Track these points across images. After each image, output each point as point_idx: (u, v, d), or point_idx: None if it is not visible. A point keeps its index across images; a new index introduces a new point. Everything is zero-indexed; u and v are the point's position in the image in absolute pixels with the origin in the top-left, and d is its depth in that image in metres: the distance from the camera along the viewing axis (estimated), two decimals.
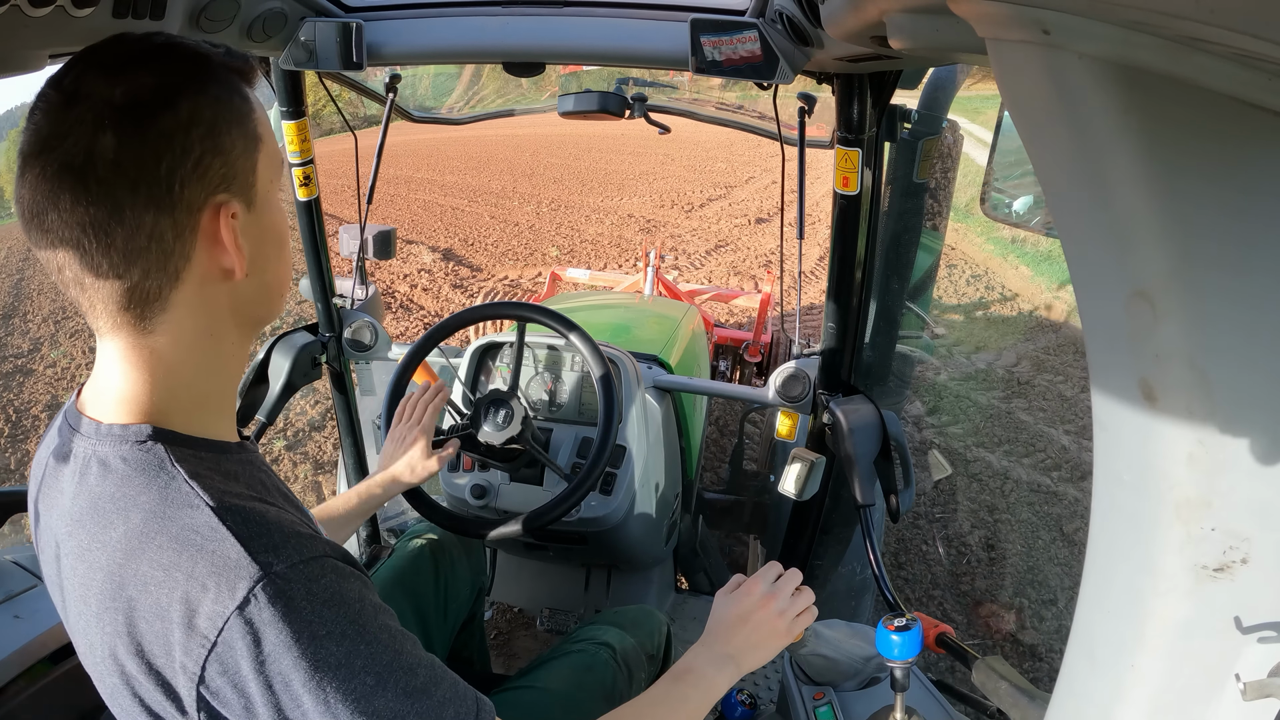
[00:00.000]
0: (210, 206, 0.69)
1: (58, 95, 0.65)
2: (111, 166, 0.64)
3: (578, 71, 2.47)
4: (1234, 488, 0.55)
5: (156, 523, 0.66)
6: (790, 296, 5.30)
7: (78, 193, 0.64)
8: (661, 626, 1.57)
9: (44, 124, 0.65)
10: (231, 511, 0.67)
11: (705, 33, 1.38)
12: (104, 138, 0.64)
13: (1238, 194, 0.49)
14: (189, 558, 0.65)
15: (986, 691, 1.13)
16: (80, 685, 1.37)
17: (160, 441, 0.70)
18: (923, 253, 2.25)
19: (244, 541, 0.65)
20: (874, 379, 2.33)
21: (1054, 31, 0.47)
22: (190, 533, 0.66)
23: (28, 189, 0.66)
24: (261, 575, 0.64)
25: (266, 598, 0.63)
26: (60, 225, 0.65)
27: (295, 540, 0.68)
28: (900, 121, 1.61)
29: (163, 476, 0.69)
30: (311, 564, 0.67)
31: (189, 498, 0.67)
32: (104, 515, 0.68)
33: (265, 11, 1.33)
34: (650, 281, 4.58)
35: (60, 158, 0.64)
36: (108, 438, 0.71)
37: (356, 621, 0.67)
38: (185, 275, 0.70)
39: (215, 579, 0.64)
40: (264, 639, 0.63)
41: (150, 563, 0.65)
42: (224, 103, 0.70)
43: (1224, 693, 0.60)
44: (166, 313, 0.70)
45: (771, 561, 1.13)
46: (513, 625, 2.36)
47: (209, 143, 0.68)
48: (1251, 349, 0.52)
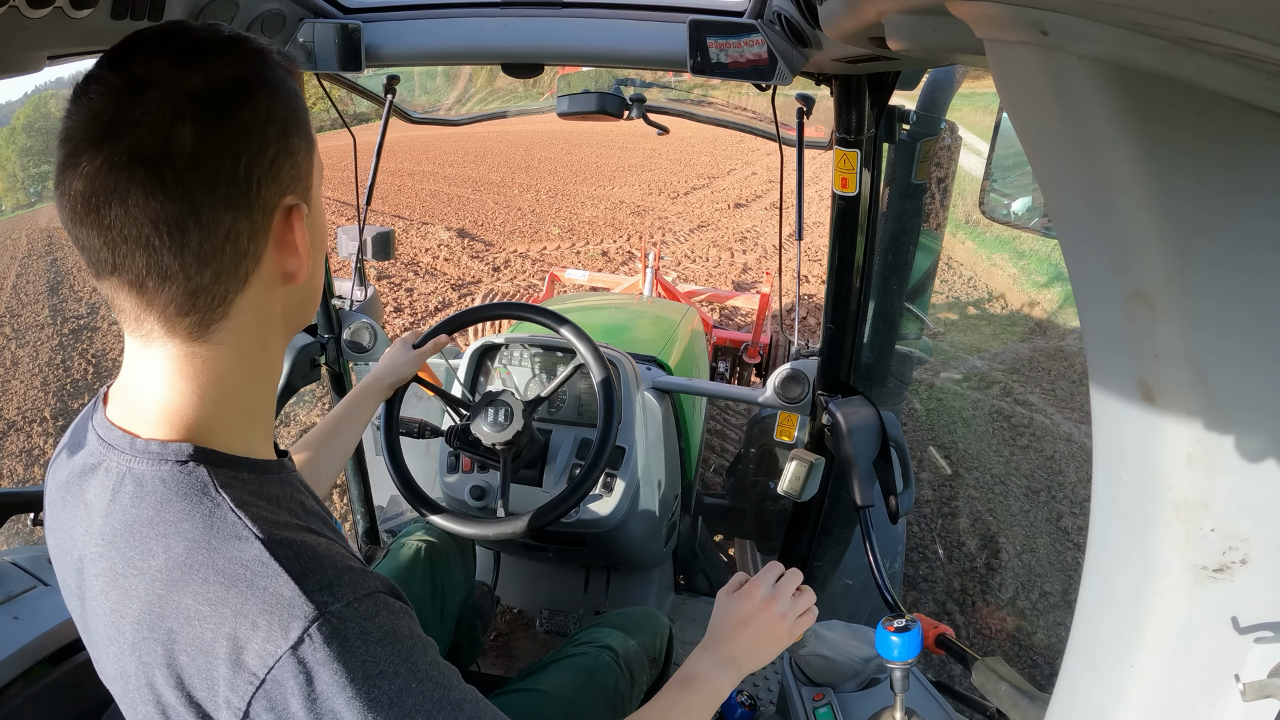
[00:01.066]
0: (282, 208, 0.67)
1: (120, 79, 0.60)
2: (190, 160, 0.60)
3: (569, 74, 2.47)
4: (1233, 488, 0.55)
5: (201, 554, 0.63)
6: (789, 297, 5.31)
7: (151, 186, 0.60)
8: (664, 629, 1.57)
9: (106, 108, 0.60)
10: (282, 545, 0.64)
11: (711, 35, 1.38)
12: (182, 128, 0.60)
13: (1236, 194, 0.49)
14: (238, 594, 0.61)
15: (986, 692, 1.13)
16: (80, 685, 1.37)
17: (202, 463, 0.66)
18: (921, 253, 2.25)
19: (297, 578, 0.62)
20: (873, 380, 2.33)
21: (1052, 32, 0.47)
22: (239, 567, 0.62)
23: (83, 179, 0.60)
24: (317, 615, 0.60)
25: (322, 638, 0.60)
26: (126, 221, 0.60)
27: (349, 577, 0.65)
28: (899, 122, 1.61)
29: (206, 503, 0.65)
30: (365, 601, 0.64)
31: (236, 528, 0.64)
32: (142, 540, 0.64)
33: (264, 12, 1.33)
34: (649, 283, 4.58)
35: (130, 146, 0.59)
36: (144, 455, 0.66)
37: (409, 659, 0.64)
38: (253, 278, 0.67)
39: (267, 617, 0.60)
40: (317, 679, 0.60)
41: (194, 596, 0.62)
42: (291, 102, 0.67)
43: (1224, 693, 0.60)
44: (227, 319, 0.67)
45: (772, 562, 1.13)
46: (512, 627, 2.36)
47: (282, 142, 0.66)
48: (1250, 349, 0.52)
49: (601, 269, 8.39)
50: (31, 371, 6.15)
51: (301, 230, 0.68)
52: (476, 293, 7.68)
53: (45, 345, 6.78)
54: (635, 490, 1.88)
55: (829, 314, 1.75)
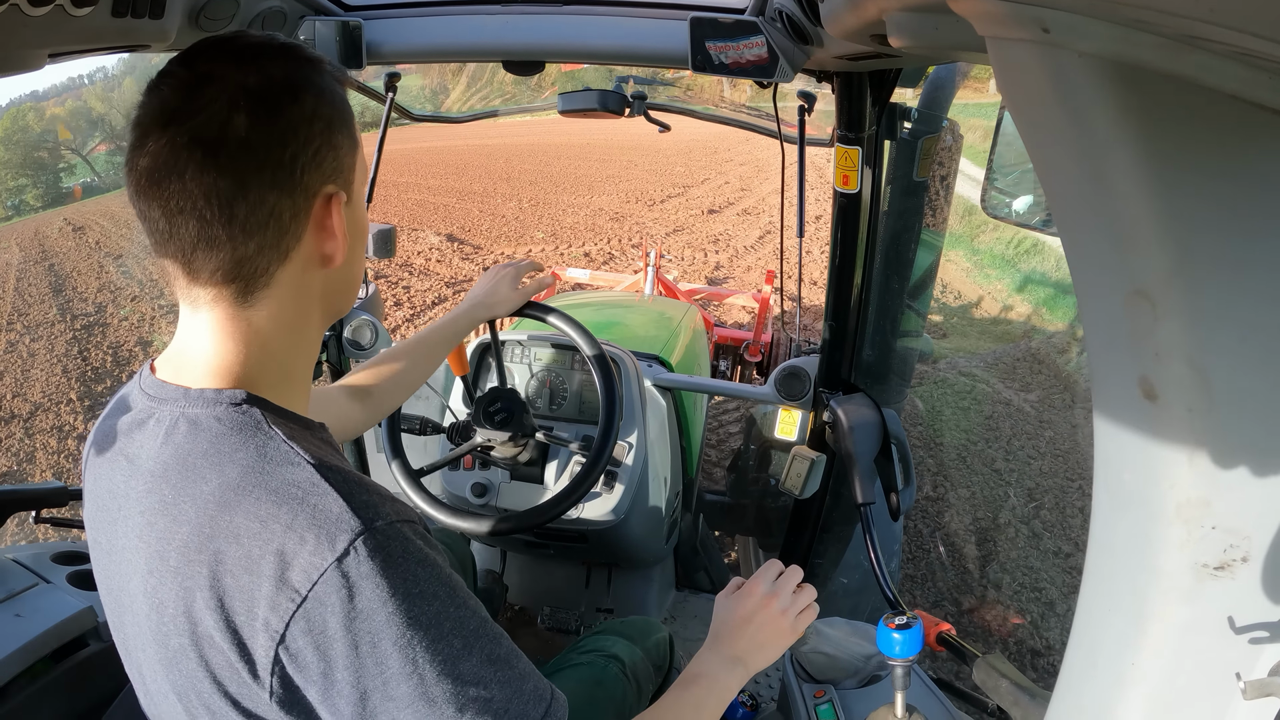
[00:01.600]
0: (323, 194, 0.74)
1: (188, 74, 0.69)
2: (242, 144, 0.68)
3: (571, 71, 2.47)
4: (1234, 486, 0.55)
5: (255, 476, 0.67)
6: (790, 296, 5.31)
7: (206, 163, 0.67)
8: (665, 638, 1.57)
9: (173, 99, 0.68)
10: (332, 470, 0.68)
11: (711, 37, 1.38)
12: (238, 117, 0.67)
13: (1237, 192, 0.49)
14: (289, 510, 0.65)
15: (987, 689, 1.13)
16: (82, 682, 1.37)
17: (256, 405, 0.72)
18: (923, 251, 2.24)
19: (346, 496, 0.66)
20: (874, 377, 2.33)
21: (1054, 30, 0.47)
22: (291, 486, 0.67)
23: (149, 157, 0.67)
24: (364, 529, 0.65)
25: (367, 551, 0.64)
26: (183, 194, 0.68)
27: (393, 503, 0.70)
28: (900, 120, 1.61)
29: (260, 435, 0.70)
30: (408, 525, 0.68)
31: (289, 455, 0.69)
32: (194, 470, 0.69)
33: (265, 10, 1.32)
34: (650, 281, 4.58)
35: (192, 130, 0.67)
36: (199, 400, 0.72)
37: (448, 584, 0.68)
38: (293, 255, 0.73)
39: (315, 531, 0.64)
40: (359, 593, 0.63)
41: (245, 514, 0.66)
42: (338, 105, 0.75)
43: (1224, 691, 0.60)
44: (269, 289, 0.73)
45: (771, 560, 1.13)
46: (514, 624, 2.36)
47: (325, 137, 0.73)
48: (1252, 347, 0.52)
49: (600, 267, 8.52)
50: (50, 361, 6.45)
51: (339, 215, 0.75)
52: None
53: (59, 339, 7.08)
54: (637, 487, 1.88)
55: (830, 311, 1.75)
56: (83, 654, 1.37)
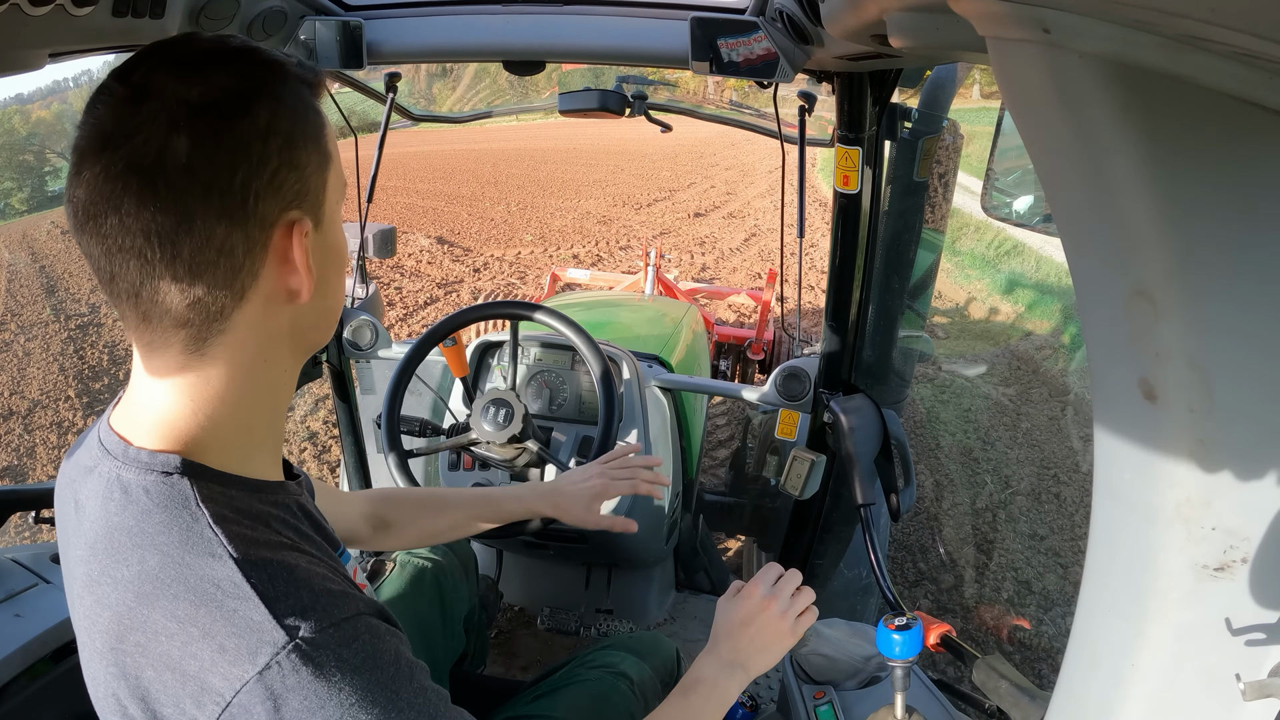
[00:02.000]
0: (283, 223, 0.65)
1: (124, 90, 0.61)
2: (184, 171, 0.60)
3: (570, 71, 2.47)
4: (1234, 487, 0.55)
5: (173, 569, 0.61)
6: (790, 295, 5.32)
7: (144, 196, 0.59)
8: (673, 654, 1.55)
9: (108, 119, 0.60)
10: (256, 566, 0.62)
11: (722, 35, 1.38)
12: (177, 139, 0.59)
13: (1238, 193, 0.49)
14: (207, 613, 0.60)
15: (987, 691, 1.13)
16: (81, 684, 1.37)
17: (188, 475, 0.65)
18: (923, 251, 2.25)
19: (269, 602, 0.60)
20: (874, 378, 2.33)
21: (1054, 30, 0.47)
22: (210, 586, 0.61)
23: (84, 188, 0.60)
24: (287, 641, 0.59)
25: (291, 665, 0.59)
26: (121, 231, 0.60)
27: (326, 600, 0.62)
28: (901, 120, 1.61)
29: (185, 516, 0.63)
30: (344, 626, 0.62)
31: (211, 545, 0.62)
32: (119, 550, 0.63)
33: (265, 10, 1.32)
34: (650, 281, 4.58)
35: (126, 157, 0.59)
36: (134, 463, 0.66)
37: (389, 687, 0.62)
38: (251, 294, 0.65)
39: (235, 640, 0.59)
40: (284, 706, 0.58)
41: (163, 612, 0.60)
42: (300, 115, 0.65)
43: (1224, 692, 0.60)
44: (225, 334, 0.66)
45: (770, 563, 1.13)
46: (513, 624, 2.36)
47: (285, 155, 0.64)
48: (1252, 348, 0.52)
49: (592, 268, 8.52)
50: (46, 360, 6.48)
51: (302, 247, 0.66)
52: (460, 290, 8.15)
53: (54, 339, 7.15)
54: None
55: (830, 311, 1.75)
56: None
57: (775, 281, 4.99)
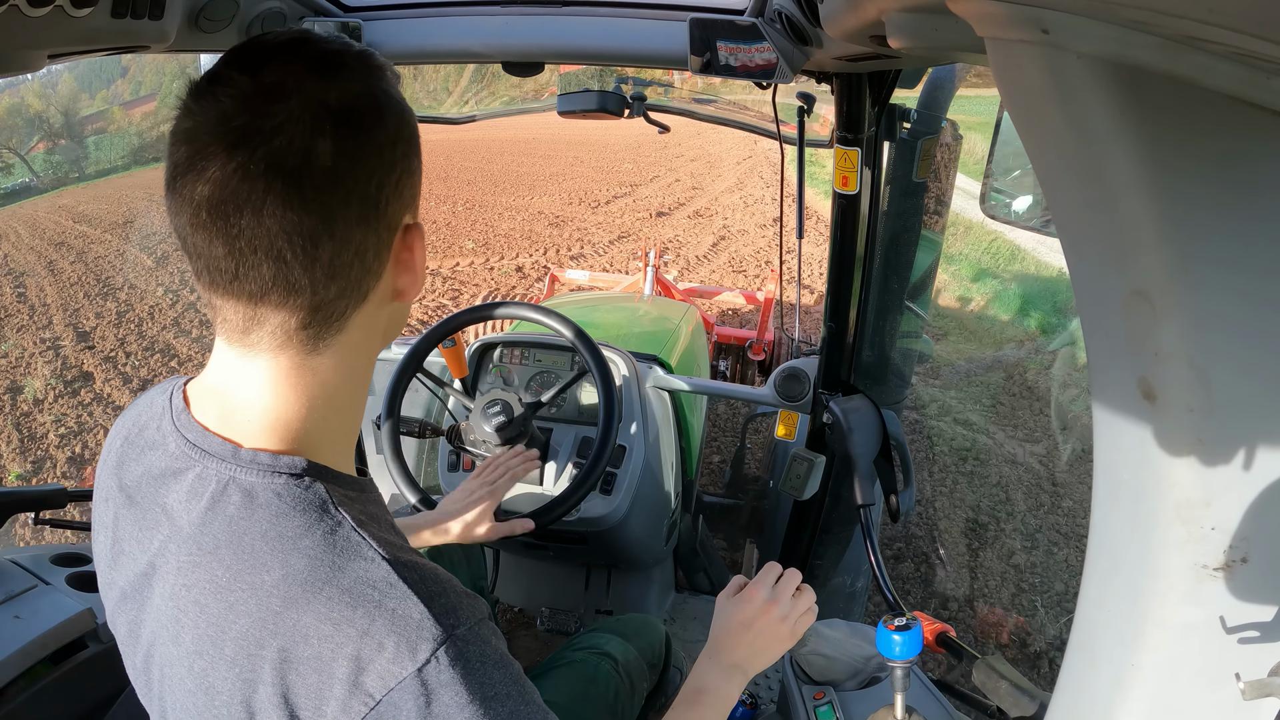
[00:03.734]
0: (403, 226, 0.67)
1: (253, 84, 0.59)
2: (329, 174, 0.59)
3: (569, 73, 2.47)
4: (1234, 487, 0.55)
5: (325, 571, 0.61)
6: (790, 295, 5.32)
7: (289, 197, 0.58)
8: (661, 636, 1.57)
9: (236, 113, 0.58)
10: (407, 567, 0.63)
11: (721, 38, 1.37)
12: (322, 142, 0.59)
13: (1237, 193, 0.49)
14: (364, 613, 0.60)
15: (987, 691, 1.13)
16: (82, 684, 1.37)
17: (318, 478, 0.65)
18: (922, 252, 2.25)
19: (426, 600, 0.62)
20: (873, 378, 2.33)
21: (1053, 31, 0.47)
22: (366, 587, 0.61)
23: (211, 185, 0.58)
24: (446, 636, 0.61)
25: (449, 659, 0.60)
26: (257, 230, 0.59)
27: (468, 601, 0.65)
28: (899, 121, 1.61)
29: (327, 520, 0.64)
30: (483, 625, 0.65)
31: (360, 548, 0.63)
32: (253, 554, 0.62)
33: (264, 11, 1.32)
34: (650, 282, 4.59)
35: (268, 155, 0.58)
36: (252, 465, 0.65)
37: (518, 682, 0.65)
38: (371, 295, 0.66)
39: (395, 637, 0.60)
40: (436, 700, 0.60)
41: (315, 614, 0.60)
42: (413, 123, 0.67)
43: (1224, 692, 0.60)
44: (342, 333, 0.66)
45: (770, 563, 1.12)
46: (512, 625, 2.36)
47: (405, 162, 0.65)
48: (1251, 348, 0.52)
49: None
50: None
51: (421, 248, 0.68)
52: None
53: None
54: (636, 489, 1.88)
55: (829, 312, 1.75)
56: (82, 656, 1.37)
57: (776, 281, 4.99)
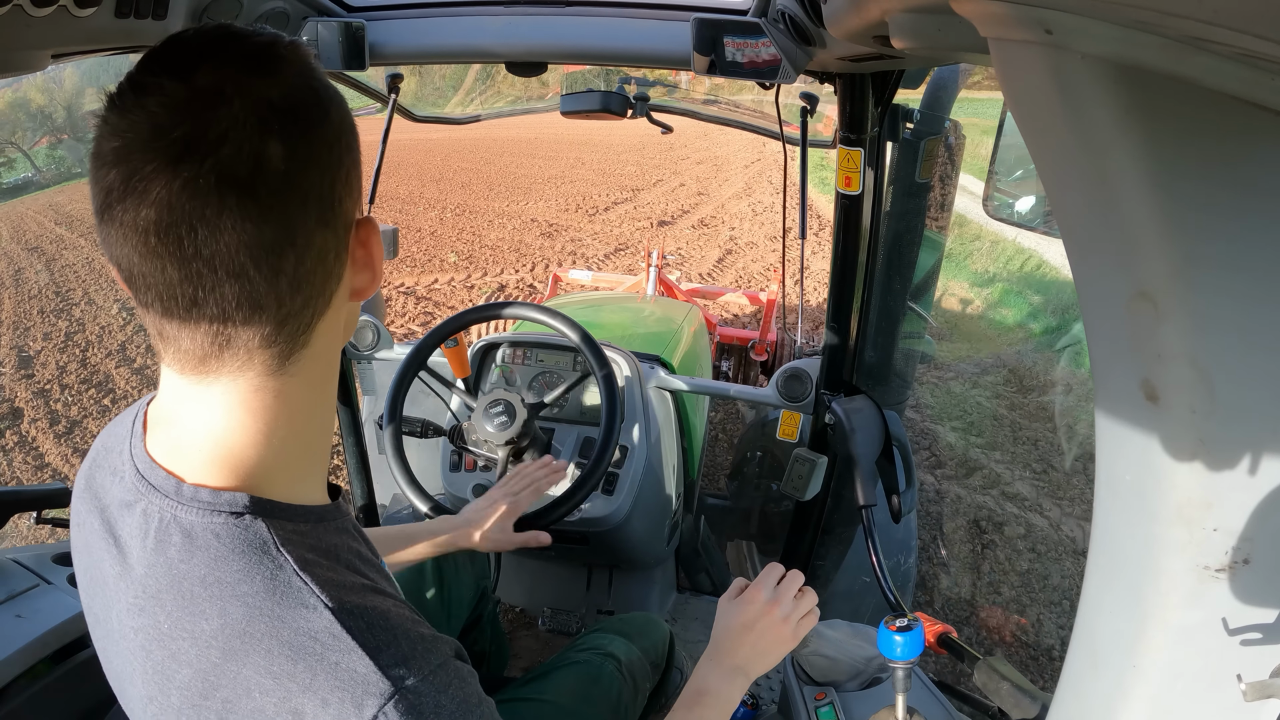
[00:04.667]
0: (355, 222, 0.63)
1: (187, 90, 0.54)
2: (283, 179, 0.55)
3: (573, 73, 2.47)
4: (1236, 488, 0.55)
5: (264, 622, 0.58)
6: (792, 295, 5.32)
7: (246, 208, 0.54)
8: (665, 636, 1.57)
9: (172, 123, 0.53)
10: (352, 614, 0.59)
11: (728, 35, 1.37)
12: (272, 144, 0.55)
13: (1240, 194, 0.49)
14: (306, 667, 0.57)
15: (988, 692, 1.13)
16: (83, 684, 1.37)
17: (260, 516, 0.61)
18: (925, 252, 2.25)
19: (372, 652, 0.58)
20: (876, 379, 2.33)
21: (1056, 31, 0.47)
22: (307, 639, 0.57)
23: (156, 206, 0.53)
24: (394, 692, 0.57)
25: (398, 714, 0.57)
26: (215, 248, 0.54)
27: (422, 646, 0.61)
28: (903, 121, 1.61)
29: (267, 563, 0.59)
30: (439, 673, 0.60)
31: (302, 595, 0.59)
32: (193, 601, 0.59)
33: (268, 11, 1.33)
34: (652, 282, 4.59)
35: (217, 167, 0.53)
36: (193, 503, 0.61)
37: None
38: (334, 299, 0.62)
39: (339, 694, 0.56)
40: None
41: (255, 668, 0.57)
42: (349, 112, 0.63)
43: (1225, 693, 0.60)
44: (309, 346, 0.62)
45: (772, 564, 1.12)
46: (514, 625, 2.36)
47: (351, 155, 0.62)
48: (1254, 349, 0.52)
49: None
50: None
51: (377, 244, 0.65)
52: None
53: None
54: (638, 489, 1.88)
55: (832, 313, 1.75)
56: (83, 655, 1.37)
57: (779, 282, 4.99)
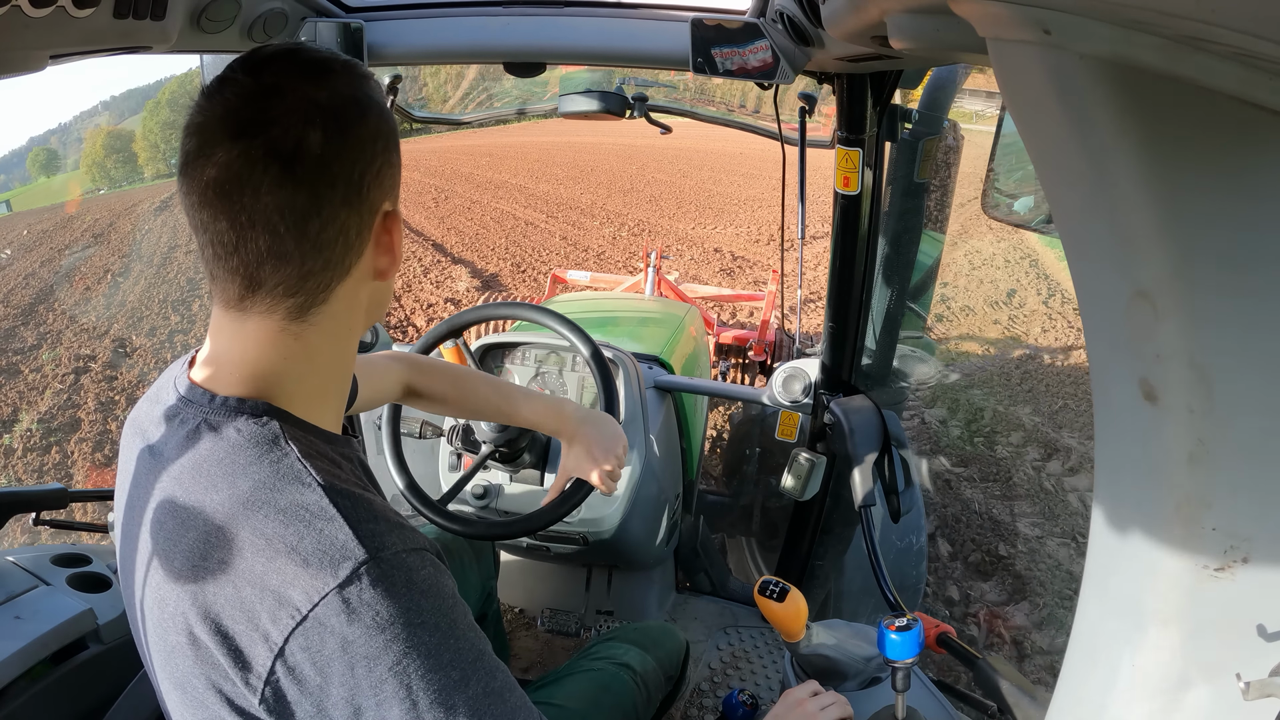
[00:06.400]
0: (383, 210, 0.76)
1: (256, 85, 0.69)
2: (317, 160, 0.69)
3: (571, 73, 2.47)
4: (1234, 487, 0.55)
5: (265, 493, 0.69)
6: (791, 296, 5.31)
7: (283, 177, 0.68)
8: (681, 648, 1.56)
9: (242, 108, 0.68)
10: (341, 494, 0.70)
11: (716, 43, 1.37)
12: (313, 133, 0.68)
13: (1238, 193, 0.49)
14: (295, 531, 0.67)
15: (987, 691, 1.13)
16: (82, 685, 1.37)
17: (276, 419, 0.73)
18: (923, 253, 2.25)
19: (353, 524, 0.67)
20: (874, 379, 2.33)
21: (1054, 31, 0.47)
22: (299, 508, 0.68)
23: (218, 167, 0.67)
24: (368, 558, 0.66)
25: (370, 580, 0.65)
26: (256, 206, 0.68)
27: (400, 530, 0.71)
28: (901, 121, 1.61)
29: (276, 451, 0.71)
30: (414, 554, 0.69)
31: (300, 474, 0.70)
32: (209, 478, 0.70)
33: (266, 12, 1.32)
34: (651, 283, 4.59)
35: (267, 142, 0.67)
36: (222, 408, 0.73)
37: (449, 615, 0.69)
38: (353, 271, 0.75)
39: (320, 555, 0.66)
40: (359, 618, 0.64)
41: (252, 530, 0.67)
42: (393, 122, 0.77)
43: (1225, 693, 0.60)
44: (326, 304, 0.74)
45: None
46: (513, 626, 2.36)
47: (386, 155, 0.75)
48: (1252, 348, 0.52)
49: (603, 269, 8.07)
50: None
51: (399, 232, 0.78)
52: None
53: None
54: (637, 490, 1.88)
55: (831, 313, 1.75)
56: (82, 656, 1.37)
57: (778, 282, 4.99)
